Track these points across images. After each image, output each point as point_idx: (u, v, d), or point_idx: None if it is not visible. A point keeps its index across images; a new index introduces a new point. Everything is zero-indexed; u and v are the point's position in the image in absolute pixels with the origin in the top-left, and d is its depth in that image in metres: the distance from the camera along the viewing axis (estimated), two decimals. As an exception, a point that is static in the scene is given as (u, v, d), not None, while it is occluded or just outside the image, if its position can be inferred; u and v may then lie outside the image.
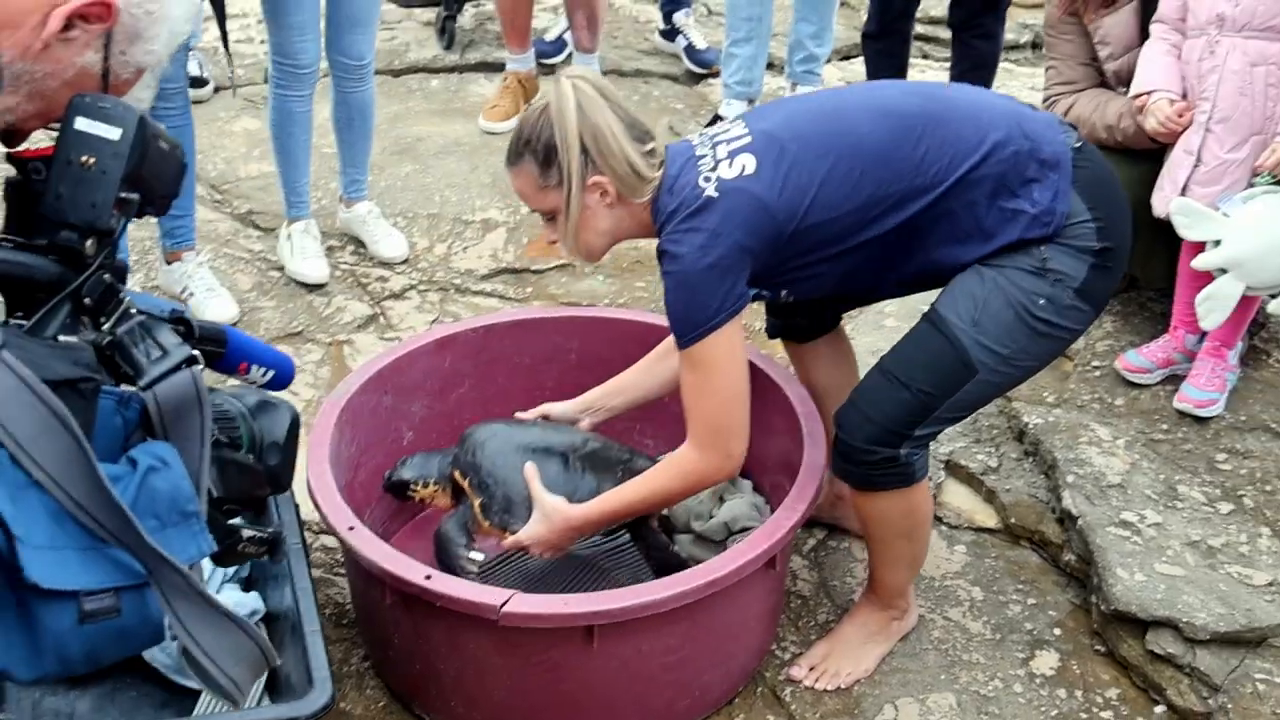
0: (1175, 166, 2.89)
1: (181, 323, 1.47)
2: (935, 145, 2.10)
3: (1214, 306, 2.77)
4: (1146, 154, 2.98)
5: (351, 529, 2.13)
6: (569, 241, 2.19)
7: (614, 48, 5.09)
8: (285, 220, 3.66)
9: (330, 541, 2.64)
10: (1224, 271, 2.76)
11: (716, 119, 4.14)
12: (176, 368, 1.31)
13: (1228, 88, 2.81)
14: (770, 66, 4.43)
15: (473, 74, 4.85)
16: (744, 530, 2.48)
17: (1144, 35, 3.04)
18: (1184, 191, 2.86)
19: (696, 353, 2.11)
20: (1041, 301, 2.11)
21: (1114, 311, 3.29)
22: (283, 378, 1.71)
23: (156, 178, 1.38)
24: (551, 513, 2.25)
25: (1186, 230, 2.80)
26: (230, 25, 5.00)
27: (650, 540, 2.44)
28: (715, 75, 4.56)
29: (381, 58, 4.79)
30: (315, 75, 3.44)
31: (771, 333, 2.61)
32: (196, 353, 1.35)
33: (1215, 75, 2.82)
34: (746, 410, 2.17)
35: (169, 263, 3.44)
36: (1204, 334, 2.95)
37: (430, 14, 5.10)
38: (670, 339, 2.30)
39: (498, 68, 4.71)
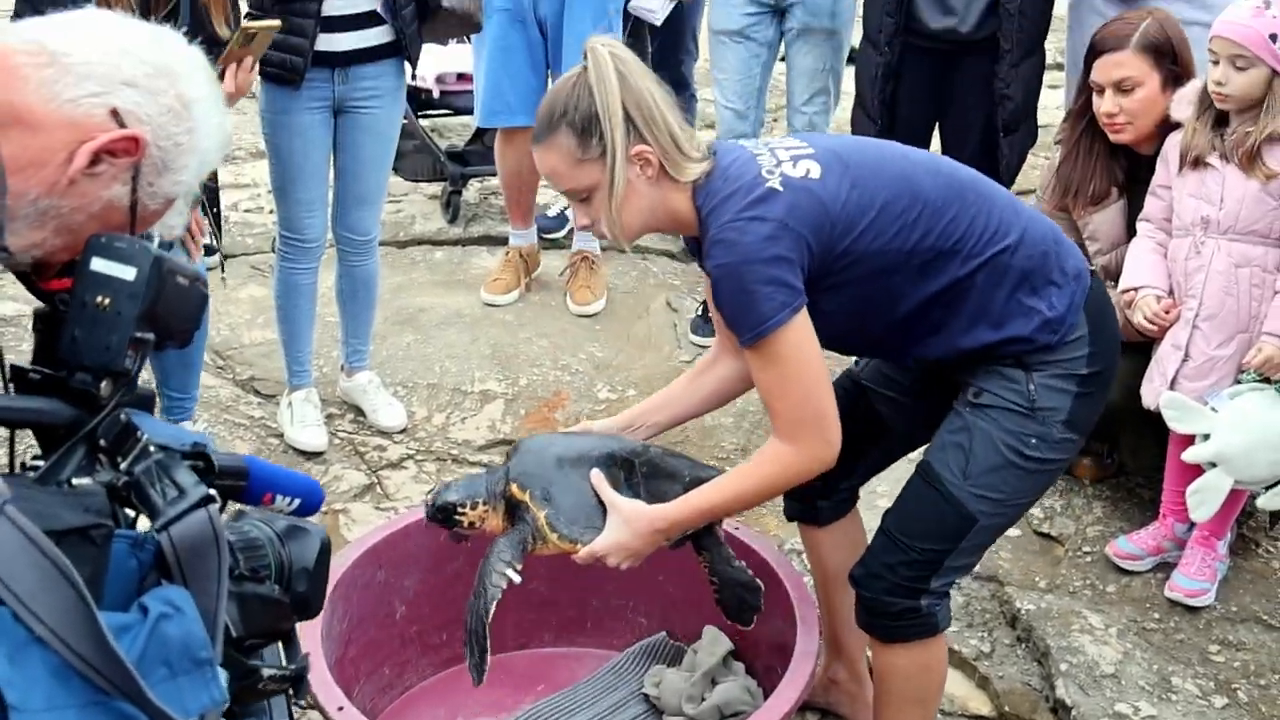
0: (1164, 360, 2.95)
1: (202, 457, 1.41)
2: (981, 217, 2.09)
3: (1204, 499, 2.82)
4: (1134, 346, 3.01)
5: (341, 709, 2.09)
6: (611, 217, 2.05)
7: None
8: (286, 388, 3.70)
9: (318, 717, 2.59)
10: (1213, 465, 2.80)
11: None
12: (192, 508, 1.27)
13: (1213, 287, 2.89)
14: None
15: (476, 247, 4.95)
16: (736, 715, 2.43)
17: (1130, 232, 3.14)
18: (1173, 385, 2.91)
19: (770, 347, 2.01)
20: (1033, 441, 2.10)
21: (1104, 497, 3.33)
22: (310, 505, 1.64)
23: (173, 314, 1.35)
24: (632, 516, 2.13)
25: (1176, 423, 2.86)
26: (241, 195, 5.24)
27: (715, 553, 2.29)
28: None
29: (387, 229, 4.90)
30: (321, 249, 3.52)
31: (790, 515, 2.57)
32: (213, 491, 1.31)
33: (1201, 274, 2.90)
34: (832, 392, 2.09)
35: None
36: (1193, 523, 2.96)
37: (436, 188, 5.24)
38: (711, 354, 2.36)
39: (500, 241, 4.82)
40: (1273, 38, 2.77)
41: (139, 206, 1.37)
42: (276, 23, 2.93)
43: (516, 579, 2.15)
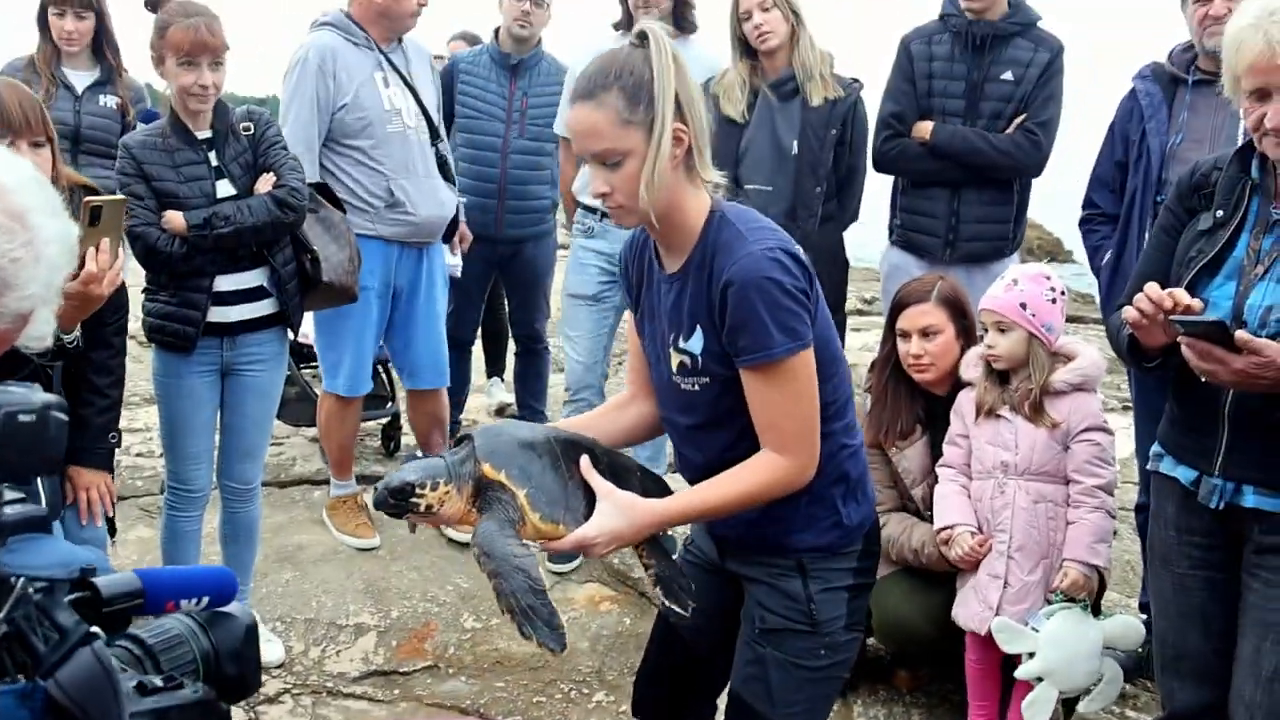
0: (984, 588, 3.26)
1: (87, 586, 1.31)
2: (847, 406, 2.28)
3: (1037, 711, 3.18)
4: (934, 577, 3.39)
5: None
6: (651, 180, 2.02)
7: None
8: (171, 628, 3.78)
9: None
10: (1040, 679, 3.15)
11: None
12: (74, 648, 1.20)
13: (1020, 522, 3.24)
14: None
15: (352, 486, 5.19)
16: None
17: (934, 462, 3.47)
18: (998, 611, 3.21)
19: (788, 366, 2.06)
20: (822, 652, 2.28)
21: (920, 704, 3.62)
22: (223, 596, 1.50)
23: (20, 452, 1.28)
24: (629, 506, 2.10)
25: (1006, 645, 3.20)
26: (132, 438, 5.41)
27: (654, 549, 2.27)
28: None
29: (269, 470, 5.09)
30: (206, 498, 3.71)
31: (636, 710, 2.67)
32: (95, 629, 1.24)
33: (1008, 511, 3.25)
34: None
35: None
36: (1001, 725, 3.30)
37: (314, 432, 5.40)
38: (627, 394, 2.41)
39: (375, 479, 5.03)
40: (1023, 305, 3.25)
41: None
42: (121, 198, 3.00)
43: (535, 549, 2.05)
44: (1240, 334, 2.25)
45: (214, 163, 3.48)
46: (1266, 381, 2.25)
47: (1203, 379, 2.35)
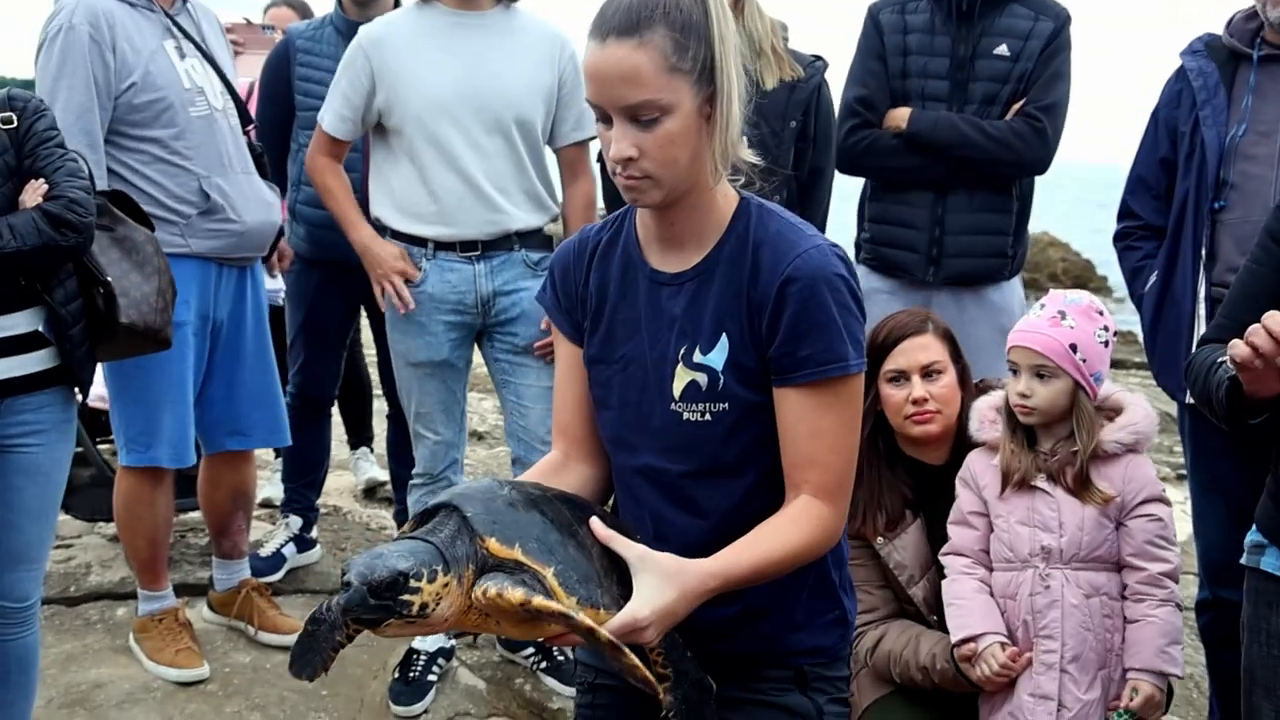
0: (1029, 714, 2.95)
1: None
2: None
3: None
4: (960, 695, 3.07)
5: None
6: (721, 146, 1.99)
7: (341, 560, 4.89)
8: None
9: None
10: None
11: None
12: None
13: (1072, 624, 2.94)
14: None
15: (170, 598, 4.67)
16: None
17: (935, 550, 3.18)
18: None
19: (854, 386, 2.01)
20: None
21: None
22: None
23: None
24: (676, 572, 1.88)
25: None
26: None
27: (670, 640, 2.02)
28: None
29: (54, 582, 4.56)
30: None
31: None
32: None
33: (1056, 610, 2.96)
34: None
35: None
36: None
37: (114, 529, 4.91)
38: (554, 459, 2.25)
39: (203, 589, 4.59)
40: (1073, 347, 2.98)
41: None
42: None
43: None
44: None
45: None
46: None
47: None
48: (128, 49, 3.77)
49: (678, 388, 2.08)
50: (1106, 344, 3.08)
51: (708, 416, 2.06)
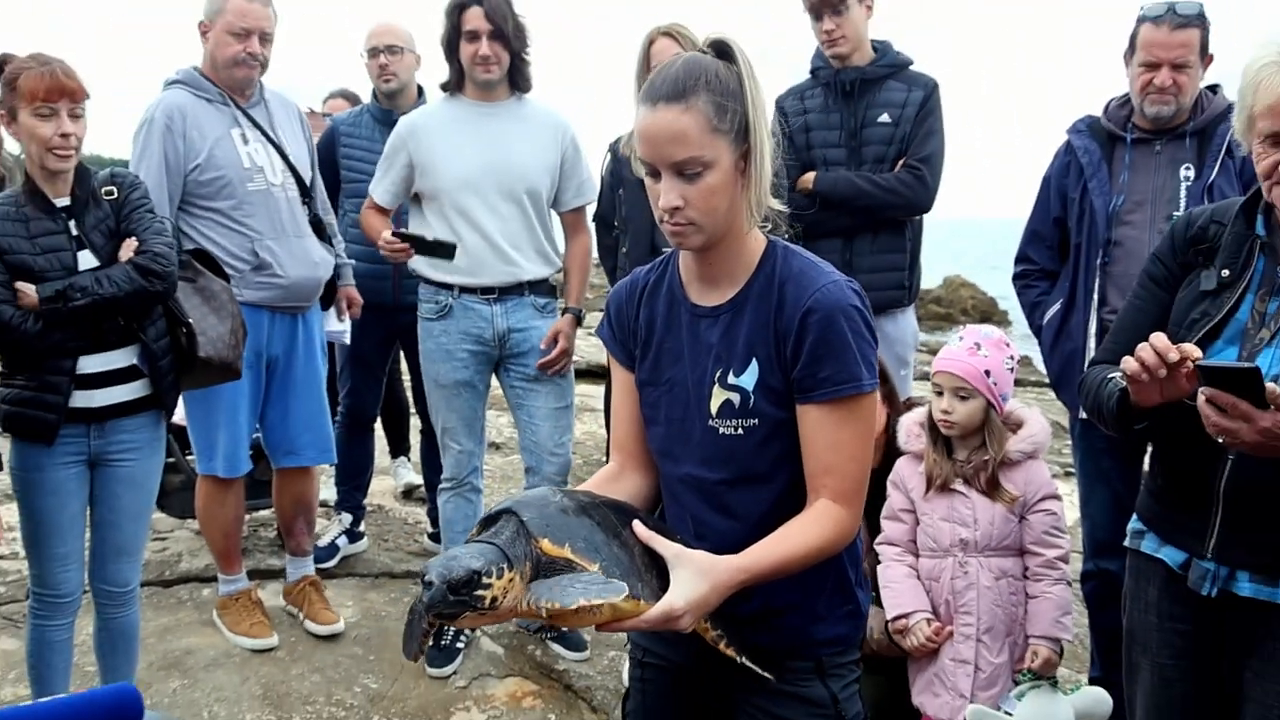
0: (951, 676, 3.07)
1: None
2: None
3: None
4: (879, 663, 3.17)
5: None
6: (754, 197, 1.93)
7: (385, 550, 5.16)
8: (38, 752, 3.44)
9: None
10: None
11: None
12: None
13: (985, 602, 3.05)
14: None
15: (246, 581, 4.79)
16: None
17: (870, 539, 3.26)
18: (971, 698, 3.03)
19: (868, 404, 1.95)
20: None
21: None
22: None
23: None
24: (709, 568, 1.84)
25: None
26: (-7, 542, 4.97)
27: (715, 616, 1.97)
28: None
29: (151, 569, 4.74)
30: (77, 604, 3.32)
31: None
32: None
33: (972, 592, 3.06)
34: None
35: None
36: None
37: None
38: (612, 469, 2.17)
39: (272, 574, 4.70)
40: (986, 373, 3.08)
41: None
42: None
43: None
44: (1272, 386, 2.00)
45: (74, 232, 3.15)
46: None
47: (1220, 439, 2.09)
48: (196, 136, 3.96)
49: (714, 406, 2.03)
50: (1012, 370, 3.19)
51: (740, 431, 2.01)
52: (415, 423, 5.68)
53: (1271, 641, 2.24)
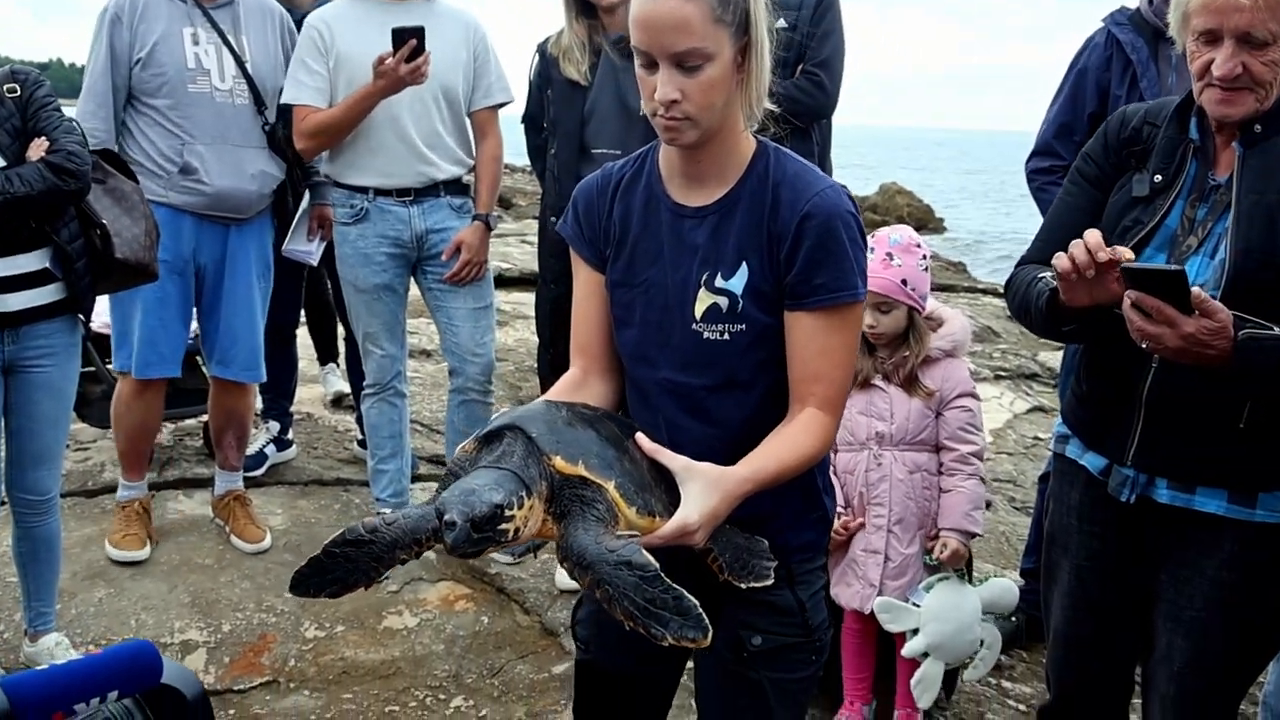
0: (862, 565, 3.14)
1: None
2: None
3: (926, 687, 3.11)
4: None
5: None
6: (754, 92, 1.89)
7: (314, 458, 5.15)
8: (-42, 660, 3.43)
9: None
10: (926, 655, 3.05)
11: None
12: None
13: (898, 494, 3.13)
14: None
15: (171, 491, 4.74)
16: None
17: None
18: (881, 588, 3.11)
19: (853, 314, 1.93)
20: (813, 658, 2.08)
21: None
22: (139, 685, 1.23)
23: None
24: (718, 479, 1.80)
25: (890, 625, 3.10)
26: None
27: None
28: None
29: (74, 479, 4.70)
30: None
31: None
32: None
33: (885, 484, 3.14)
34: None
35: None
36: (874, 704, 3.17)
37: None
38: (574, 377, 2.10)
39: (198, 483, 4.67)
40: (903, 282, 3.10)
41: None
42: None
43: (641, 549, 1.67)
44: (1196, 291, 1.99)
45: (-24, 132, 3.05)
46: (1213, 353, 2.01)
47: (1144, 345, 2.08)
48: (144, 29, 3.92)
49: (699, 310, 1.97)
50: (926, 269, 3.22)
51: (726, 336, 1.96)
52: (341, 331, 5.62)
53: (1185, 548, 2.30)
